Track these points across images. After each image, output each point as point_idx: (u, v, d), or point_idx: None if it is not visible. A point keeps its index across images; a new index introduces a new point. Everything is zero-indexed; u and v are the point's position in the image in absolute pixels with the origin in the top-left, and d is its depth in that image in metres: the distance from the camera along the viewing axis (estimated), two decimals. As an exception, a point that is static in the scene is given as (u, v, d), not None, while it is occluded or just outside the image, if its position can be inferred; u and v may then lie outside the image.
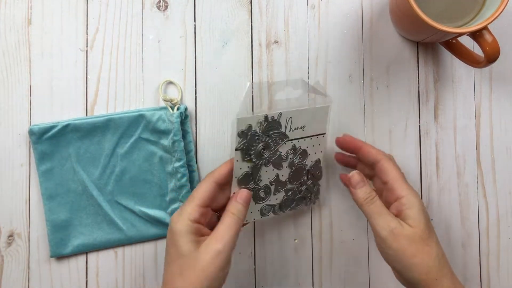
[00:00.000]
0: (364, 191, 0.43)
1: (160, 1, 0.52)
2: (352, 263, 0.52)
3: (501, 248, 0.52)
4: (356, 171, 0.45)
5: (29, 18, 0.51)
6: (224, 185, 0.43)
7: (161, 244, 0.51)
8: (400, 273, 0.42)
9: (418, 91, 0.52)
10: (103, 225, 0.50)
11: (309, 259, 0.52)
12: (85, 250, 0.50)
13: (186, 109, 0.51)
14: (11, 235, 0.50)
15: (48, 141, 0.50)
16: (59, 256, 0.50)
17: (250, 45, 0.52)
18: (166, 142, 0.50)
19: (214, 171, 0.43)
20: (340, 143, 0.49)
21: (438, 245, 0.42)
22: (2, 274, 0.50)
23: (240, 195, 0.42)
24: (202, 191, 0.41)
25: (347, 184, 0.45)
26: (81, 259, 0.51)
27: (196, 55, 0.52)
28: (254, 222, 0.51)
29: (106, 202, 0.50)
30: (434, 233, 0.43)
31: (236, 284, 0.51)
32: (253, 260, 0.52)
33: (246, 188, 0.44)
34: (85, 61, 0.51)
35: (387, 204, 0.44)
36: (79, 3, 0.52)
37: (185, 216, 0.40)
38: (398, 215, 0.43)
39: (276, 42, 0.52)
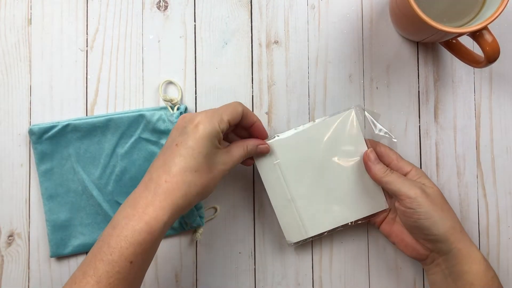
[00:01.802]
0: (382, 166, 0.47)
1: (160, 1, 0.52)
2: (352, 263, 0.52)
3: (501, 248, 0.52)
4: (371, 149, 0.48)
5: (29, 18, 0.51)
6: (244, 126, 0.47)
7: (161, 244, 0.51)
8: (430, 232, 0.44)
9: (418, 91, 0.52)
10: (103, 225, 0.50)
11: (309, 259, 0.52)
12: (85, 250, 0.50)
13: (186, 109, 0.51)
14: (11, 235, 0.50)
15: (48, 141, 0.50)
16: (59, 256, 0.50)
17: (250, 45, 0.52)
18: (166, 142, 0.50)
19: (247, 112, 0.46)
20: None
21: None
22: (2, 274, 0.50)
23: (265, 146, 0.48)
24: (235, 113, 0.44)
25: (366, 159, 0.48)
26: (81, 259, 0.51)
27: (196, 55, 0.52)
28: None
29: (106, 202, 0.50)
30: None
31: (236, 284, 0.51)
32: (253, 260, 0.52)
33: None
34: (85, 61, 0.51)
35: None
36: (79, 3, 0.52)
37: (216, 124, 0.42)
38: None
39: (276, 42, 0.52)
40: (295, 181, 0.48)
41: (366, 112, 0.50)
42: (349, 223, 0.49)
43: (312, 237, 0.49)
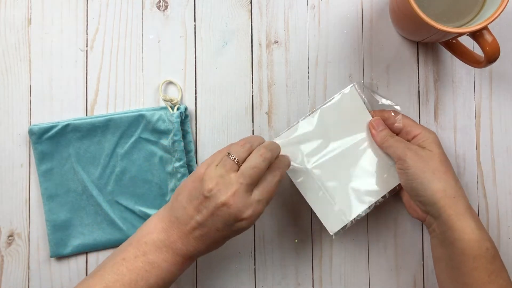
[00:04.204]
0: (385, 132, 0.48)
1: (160, 1, 0.52)
2: (352, 263, 0.52)
3: (501, 248, 0.52)
4: (377, 117, 0.49)
5: (29, 18, 0.51)
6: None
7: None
8: (417, 193, 0.44)
9: (418, 91, 0.52)
10: (103, 225, 0.50)
11: (309, 259, 0.52)
12: (85, 250, 0.50)
13: (186, 109, 0.51)
14: (11, 235, 0.50)
15: (48, 141, 0.50)
16: (59, 256, 0.50)
17: (250, 45, 0.52)
18: (166, 142, 0.50)
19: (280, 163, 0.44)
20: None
21: (454, 171, 0.46)
22: (2, 274, 0.50)
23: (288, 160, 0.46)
24: (259, 173, 0.42)
25: (371, 127, 0.49)
26: (81, 259, 0.51)
27: (196, 55, 0.52)
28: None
29: (106, 202, 0.50)
30: (449, 162, 0.46)
31: (236, 284, 0.51)
32: (253, 260, 0.52)
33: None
34: (85, 61, 0.51)
35: None
36: (79, 3, 0.52)
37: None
38: None
39: (276, 42, 0.52)
40: (321, 171, 0.48)
41: (365, 87, 0.51)
42: (382, 198, 0.49)
43: (352, 221, 0.48)
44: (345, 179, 0.49)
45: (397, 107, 0.50)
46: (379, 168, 0.49)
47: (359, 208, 0.48)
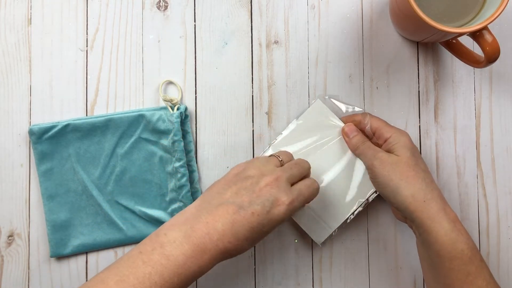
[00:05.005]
0: (357, 138, 0.48)
1: (160, 1, 0.52)
2: (352, 263, 0.52)
3: (501, 248, 0.52)
4: (349, 123, 0.49)
5: (29, 18, 0.51)
6: None
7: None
8: (390, 200, 0.45)
9: (418, 91, 0.52)
10: (103, 225, 0.50)
11: (309, 259, 0.52)
12: (85, 250, 0.50)
13: (186, 109, 0.51)
14: (11, 235, 0.50)
15: (48, 141, 0.50)
16: (59, 256, 0.50)
17: (250, 45, 0.52)
18: (166, 142, 0.50)
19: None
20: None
21: (426, 172, 0.45)
22: (2, 274, 0.50)
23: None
24: (300, 172, 0.43)
25: (343, 135, 0.49)
26: (81, 259, 0.51)
27: (196, 55, 0.52)
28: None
29: (106, 202, 0.50)
30: (422, 163, 0.46)
31: (236, 284, 0.51)
32: (253, 260, 0.52)
33: None
34: (85, 61, 0.51)
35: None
36: (79, 3, 0.52)
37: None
38: (388, 152, 0.46)
39: (276, 42, 0.52)
40: None
41: (328, 97, 0.51)
42: (364, 202, 0.49)
43: (336, 229, 0.49)
44: (326, 189, 0.49)
45: (359, 109, 0.50)
46: (359, 174, 0.49)
47: (342, 217, 0.49)
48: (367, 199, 0.49)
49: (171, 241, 0.38)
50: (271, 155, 0.44)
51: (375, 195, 0.49)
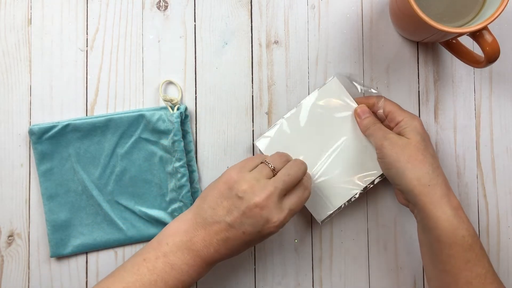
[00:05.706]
0: (369, 120, 0.48)
1: (160, 1, 0.52)
2: (352, 263, 0.52)
3: (501, 248, 0.52)
4: (362, 104, 0.49)
5: (29, 18, 0.51)
6: None
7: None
8: (395, 182, 0.45)
9: (418, 91, 0.52)
10: (103, 225, 0.50)
11: (309, 259, 0.52)
12: (85, 250, 0.50)
13: (186, 109, 0.51)
14: (11, 235, 0.50)
15: (48, 141, 0.50)
16: (59, 256, 0.50)
17: (250, 45, 0.52)
18: (166, 142, 0.50)
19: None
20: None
21: (434, 158, 0.45)
22: (2, 274, 0.50)
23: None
24: (293, 182, 0.43)
25: (356, 116, 0.49)
26: (81, 259, 0.51)
27: (196, 55, 0.52)
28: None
29: (106, 202, 0.50)
30: (431, 148, 0.46)
31: (236, 284, 0.51)
32: (253, 260, 0.52)
33: None
34: (85, 61, 0.51)
35: None
36: (79, 3, 0.52)
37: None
38: (399, 135, 0.46)
39: (276, 42, 0.52)
40: (309, 161, 0.48)
41: (345, 75, 0.51)
42: (368, 186, 0.49)
43: (338, 208, 0.49)
44: (332, 169, 0.49)
45: (374, 91, 0.50)
46: (366, 156, 0.49)
47: (345, 196, 0.49)
48: (373, 182, 0.49)
49: (173, 251, 0.41)
50: (262, 162, 0.44)
51: (379, 178, 0.49)
